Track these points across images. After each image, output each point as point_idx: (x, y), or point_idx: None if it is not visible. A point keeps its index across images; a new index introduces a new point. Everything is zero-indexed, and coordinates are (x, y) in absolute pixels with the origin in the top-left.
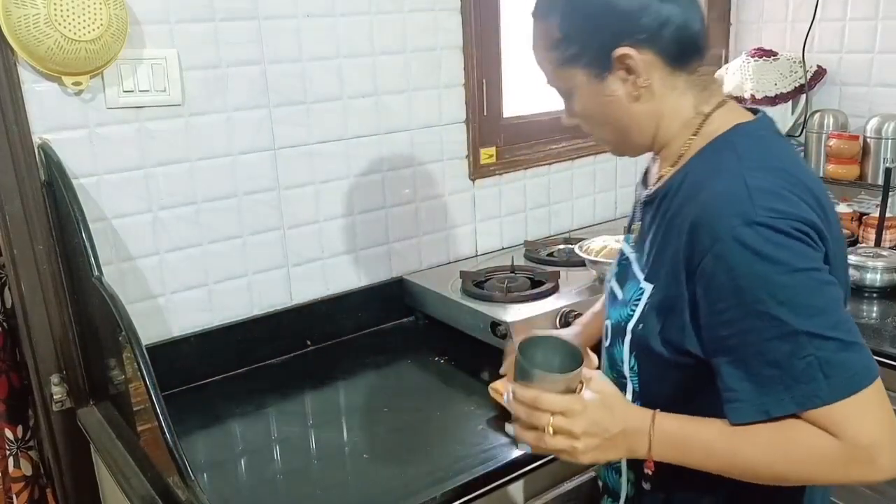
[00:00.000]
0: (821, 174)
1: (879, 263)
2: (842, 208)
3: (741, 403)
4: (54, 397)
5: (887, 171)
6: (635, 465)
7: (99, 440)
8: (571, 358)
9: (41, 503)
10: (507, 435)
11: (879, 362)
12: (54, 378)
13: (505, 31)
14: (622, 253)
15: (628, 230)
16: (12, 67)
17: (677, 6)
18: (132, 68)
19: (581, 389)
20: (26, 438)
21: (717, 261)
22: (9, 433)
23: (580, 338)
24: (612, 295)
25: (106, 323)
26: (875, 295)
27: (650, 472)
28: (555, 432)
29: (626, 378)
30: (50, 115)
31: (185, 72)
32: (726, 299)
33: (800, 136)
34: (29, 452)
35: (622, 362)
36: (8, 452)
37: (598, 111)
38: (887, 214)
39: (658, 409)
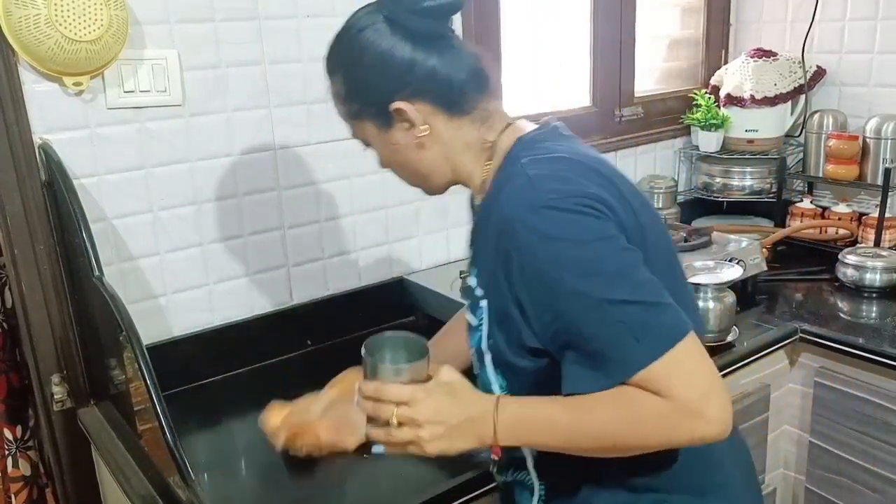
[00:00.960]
0: (820, 174)
1: (879, 263)
2: (841, 208)
3: (574, 384)
4: (55, 397)
5: (886, 172)
6: (546, 479)
7: (99, 440)
8: (418, 352)
9: (40, 503)
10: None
11: (880, 362)
12: (55, 378)
13: (505, 31)
14: (469, 287)
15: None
16: (13, 68)
17: (441, 59)
18: (133, 69)
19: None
20: (25, 438)
21: (519, 253)
22: (8, 433)
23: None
24: (468, 324)
25: (106, 323)
26: (875, 295)
27: (496, 458)
28: (399, 423)
29: None
30: (50, 115)
31: (186, 72)
32: (536, 287)
33: (799, 136)
34: (28, 452)
35: (492, 383)
36: (7, 453)
37: (394, 159)
38: (886, 214)
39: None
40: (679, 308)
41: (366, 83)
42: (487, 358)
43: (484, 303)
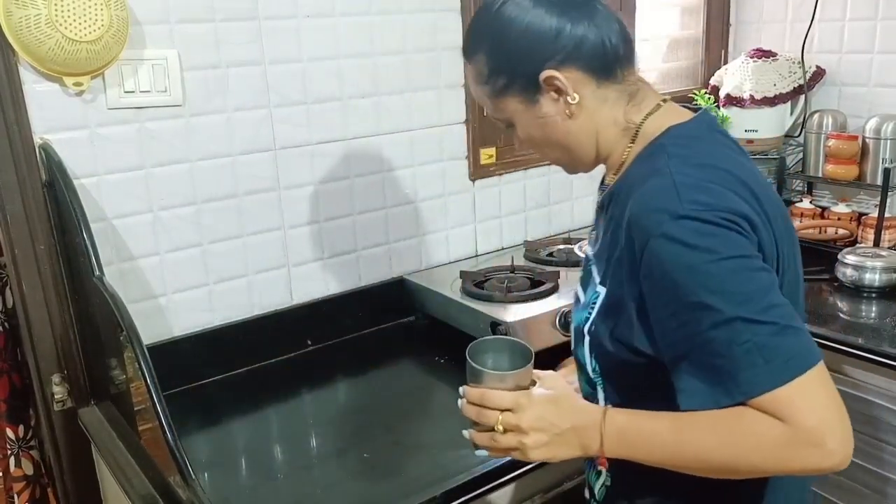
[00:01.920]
0: (820, 174)
1: (878, 263)
2: (841, 208)
3: (690, 397)
4: (55, 397)
5: (886, 172)
6: (615, 470)
7: (100, 440)
8: (522, 357)
9: (42, 502)
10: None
11: (880, 362)
12: (55, 378)
13: None
14: (586, 257)
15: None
16: (13, 68)
17: (590, 24)
18: (133, 69)
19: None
20: (27, 438)
21: (651, 257)
22: (10, 433)
23: (569, 375)
24: (576, 298)
25: (107, 323)
26: (874, 295)
27: (603, 469)
28: (504, 430)
29: (593, 380)
30: (51, 115)
31: (186, 72)
32: (663, 295)
33: (799, 136)
34: (30, 452)
35: (585, 364)
36: (9, 452)
37: (539, 134)
38: (886, 214)
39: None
40: (809, 335)
41: (513, 56)
42: (586, 340)
43: (601, 289)
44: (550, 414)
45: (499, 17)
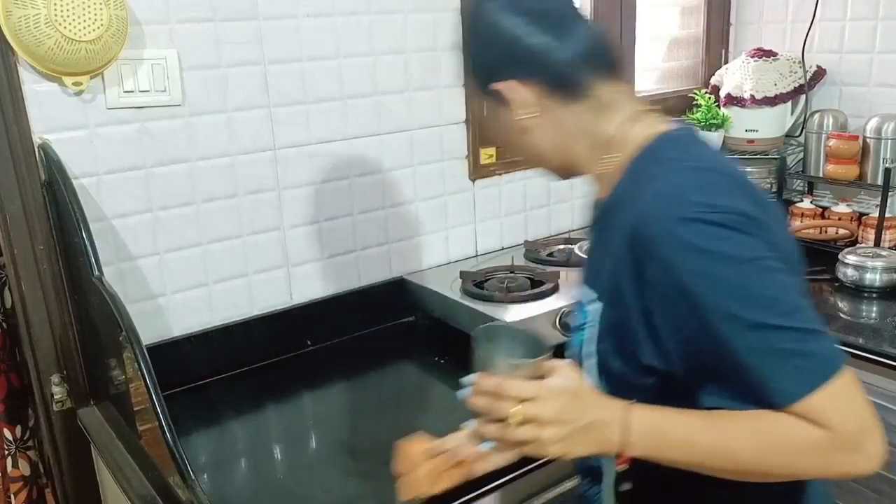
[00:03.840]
0: (820, 174)
1: (879, 263)
2: (841, 208)
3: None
4: (55, 397)
5: (887, 172)
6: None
7: (99, 440)
8: (535, 347)
9: (39, 503)
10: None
11: (880, 362)
12: (55, 378)
13: None
14: (580, 276)
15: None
16: (12, 67)
17: (555, 37)
18: (132, 69)
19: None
20: (25, 438)
21: (661, 266)
22: (7, 433)
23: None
24: (572, 325)
25: (106, 323)
26: (875, 295)
27: (625, 468)
28: (520, 421)
29: None
30: (50, 115)
31: (185, 72)
32: (677, 305)
33: (799, 136)
34: (28, 452)
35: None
36: (7, 452)
37: (509, 138)
38: (886, 214)
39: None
40: (832, 338)
41: (478, 58)
42: (589, 363)
43: (594, 306)
44: (573, 406)
45: (477, 13)
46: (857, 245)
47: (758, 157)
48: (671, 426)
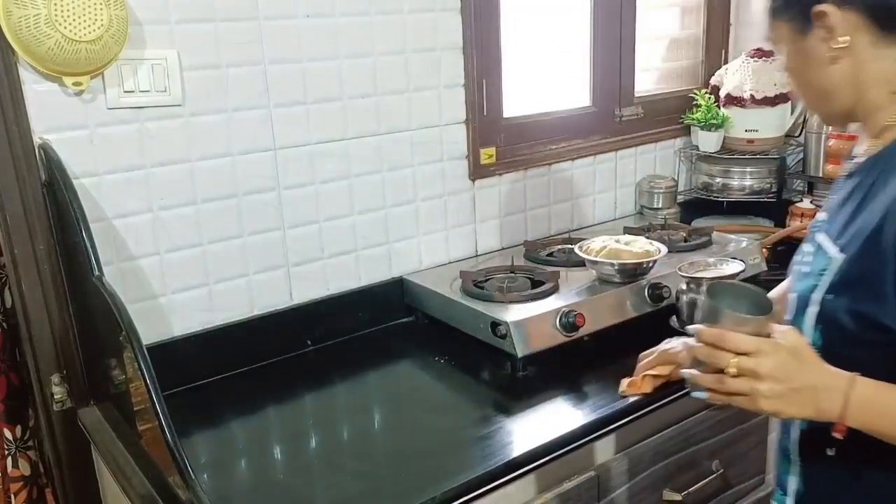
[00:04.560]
0: (820, 174)
1: None
2: None
3: None
4: (55, 397)
5: None
6: (807, 448)
7: (99, 440)
8: (760, 306)
9: (39, 503)
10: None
11: None
12: (55, 378)
13: (505, 31)
14: (814, 224)
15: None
16: (13, 67)
17: None
18: (132, 69)
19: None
20: (25, 438)
21: None
22: (8, 433)
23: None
24: (799, 271)
25: (106, 323)
26: None
27: (840, 437)
28: (737, 373)
29: None
30: (50, 115)
31: (185, 72)
32: None
33: (799, 136)
34: (28, 452)
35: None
36: (7, 452)
37: (799, 69)
38: None
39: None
40: None
41: None
42: (811, 310)
43: (838, 258)
44: (791, 366)
45: None
46: None
47: (758, 157)
48: (893, 401)
